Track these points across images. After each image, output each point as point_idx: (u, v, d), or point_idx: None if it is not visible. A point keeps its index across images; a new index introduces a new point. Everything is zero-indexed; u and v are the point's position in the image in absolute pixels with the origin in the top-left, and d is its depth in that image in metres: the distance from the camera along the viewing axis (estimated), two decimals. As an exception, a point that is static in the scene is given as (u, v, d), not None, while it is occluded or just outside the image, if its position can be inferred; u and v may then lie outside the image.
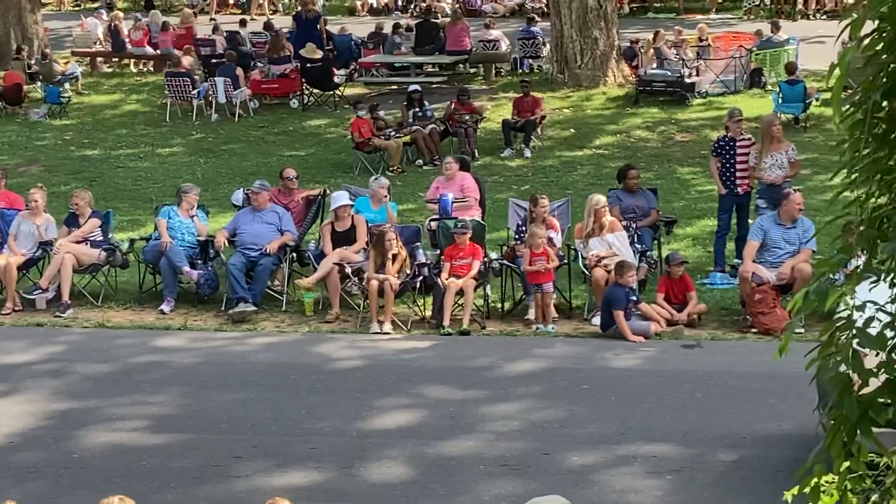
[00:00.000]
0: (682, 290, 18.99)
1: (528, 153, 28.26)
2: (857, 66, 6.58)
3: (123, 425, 15.74)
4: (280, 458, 14.67)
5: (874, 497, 7.45)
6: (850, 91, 6.76)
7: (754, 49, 34.33)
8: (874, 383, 6.92)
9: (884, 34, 6.21)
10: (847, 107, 6.59)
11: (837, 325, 6.69)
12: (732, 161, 21.35)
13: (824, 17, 41.93)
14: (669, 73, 32.76)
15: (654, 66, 33.44)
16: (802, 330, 15.18)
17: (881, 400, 6.89)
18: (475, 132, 28.47)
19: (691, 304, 18.84)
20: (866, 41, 6.33)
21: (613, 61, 33.91)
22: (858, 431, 6.91)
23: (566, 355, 18.00)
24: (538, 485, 13.22)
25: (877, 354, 7.00)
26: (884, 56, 6.25)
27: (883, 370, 6.86)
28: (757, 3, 44.04)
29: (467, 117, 28.45)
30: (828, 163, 24.54)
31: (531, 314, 19.24)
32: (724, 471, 14.20)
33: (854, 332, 6.64)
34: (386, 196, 20.93)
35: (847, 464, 7.04)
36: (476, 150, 27.42)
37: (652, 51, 34.20)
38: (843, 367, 6.92)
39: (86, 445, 15.22)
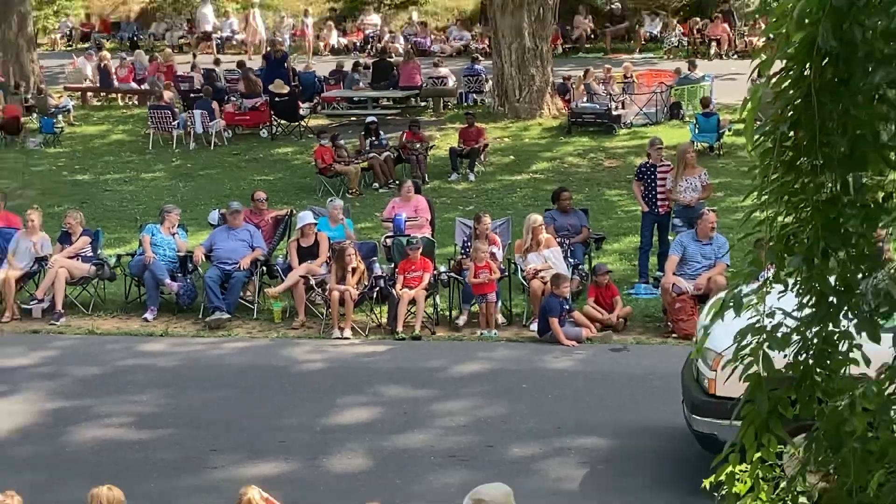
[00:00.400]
0: (609, 297, 19.08)
1: (472, 177, 28.04)
2: (767, 101, 6.89)
3: (111, 422, 15.78)
4: (252, 451, 14.70)
5: (783, 484, 7.71)
6: (760, 122, 7.08)
7: (673, 85, 34.30)
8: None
9: (790, 72, 6.48)
10: (758, 136, 6.89)
11: (750, 329, 7.00)
12: (654, 185, 21.46)
13: (735, 56, 41.68)
14: (598, 107, 32.28)
15: (585, 100, 33.19)
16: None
17: (788, 396, 7.23)
18: (425, 159, 28.05)
19: (618, 307, 18.94)
20: (775, 79, 6.66)
21: (548, 96, 33.51)
22: (769, 425, 7.24)
23: (508, 358, 18.06)
24: (483, 474, 13.10)
25: (784, 356, 7.31)
26: (790, 91, 6.53)
27: (791, 370, 7.17)
28: (676, 44, 44.03)
29: (418, 145, 28.04)
30: (739, 186, 24.22)
31: (461, 320, 19.36)
32: (649, 461, 14.28)
33: (764, 335, 6.94)
34: (341, 217, 20.93)
35: (759, 454, 7.35)
36: (426, 175, 27.17)
37: (582, 86, 34.01)
38: (754, 368, 7.24)
39: (77, 440, 15.30)
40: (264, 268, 20.22)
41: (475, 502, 6.47)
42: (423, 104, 35.59)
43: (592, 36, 46.33)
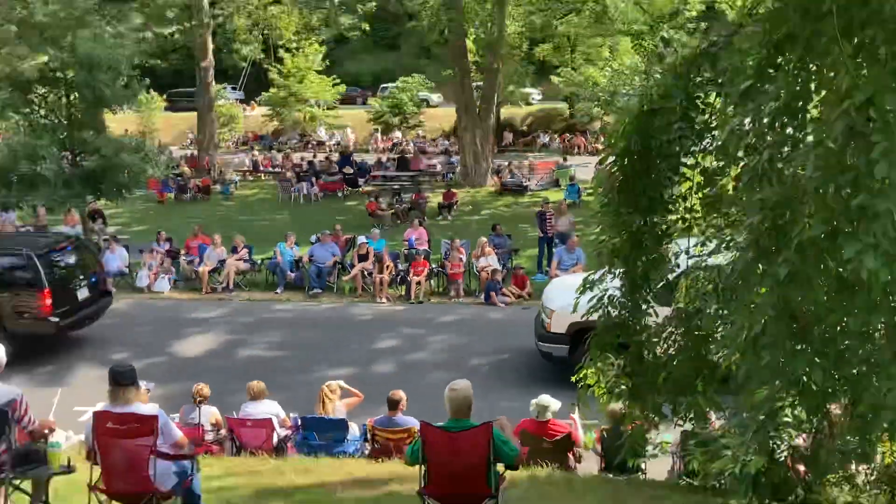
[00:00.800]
0: (522, 281, 18.84)
1: (450, 218, 27.89)
2: (607, 178, 6.98)
3: (259, 347, 15.84)
4: (332, 362, 14.59)
5: (614, 380, 7.78)
6: (602, 190, 7.15)
7: (555, 169, 34.43)
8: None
9: (616, 163, 6.58)
10: (602, 197, 6.99)
11: (598, 298, 7.08)
12: (545, 221, 21.54)
13: (587, 154, 41.84)
14: (516, 181, 32.73)
15: (509, 177, 33.47)
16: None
17: (616, 334, 7.28)
18: (425, 208, 28.25)
19: (527, 287, 18.71)
20: (609, 167, 6.74)
21: (490, 175, 33.91)
22: (606, 348, 7.31)
23: (468, 313, 17.90)
24: (455, 375, 11.93)
25: (616, 313, 7.32)
26: (617, 173, 6.62)
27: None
28: (557, 148, 43.87)
29: (421, 201, 28.46)
30: (589, 223, 24.53)
31: (452, 293, 19.06)
32: (535, 364, 14.15)
33: (606, 300, 7.02)
34: (378, 236, 20.97)
35: (600, 363, 7.44)
36: (425, 216, 27.30)
37: (508, 171, 34.30)
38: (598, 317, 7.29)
39: (242, 356, 15.27)
40: (339, 265, 20.01)
41: (450, 390, 6.42)
42: (423, 179, 35.59)
43: (513, 143, 46.37)
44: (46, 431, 6.94)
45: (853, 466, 7.23)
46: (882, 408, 4.52)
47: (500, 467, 6.47)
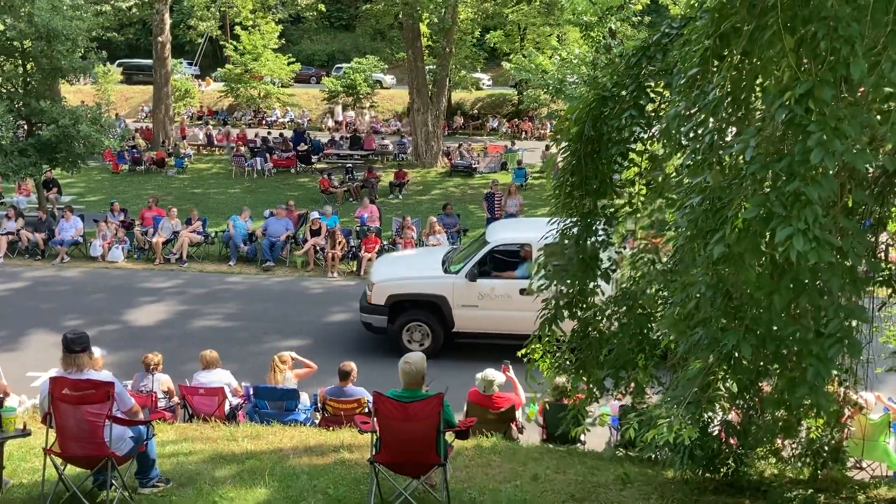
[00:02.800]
0: None
1: (400, 197, 27.85)
2: (557, 161, 7.01)
3: (211, 317, 15.70)
4: (284, 333, 14.54)
5: (558, 354, 7.86)
6: (554, 172, 7.17)
7: (503, 152, 34.53)
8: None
9: (569, 147, 6.61)
10: (554, 181, 7.03)
11: (550, 277, 7.11)
12: (493, 203, 21.69)
13: (534, 139, 42.13)
14: (466, 163, 32.74)
15: (459, 158, 33.57)
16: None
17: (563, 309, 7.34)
18: (376, 186, 28.25)
19: None
20: (562, 150, 6.78)
21: (440, 156, 33.95)
22: (554, 323, 7.35)
23: None
24: None
25: (561, 290, 7.38)
26: (568, 157, 6.65)
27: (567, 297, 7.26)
28: (505, 132, 44.13)
29: (373, 180, 28.36)
30: (536, 204, 24.67)
31: None
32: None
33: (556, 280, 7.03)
34: (331, 213, 20.81)
35: (548, 338, 7.50)
36: (376, 195, 27.37)
37: (458, 152, 34.34)
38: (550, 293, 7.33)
39: (194, 327, 15.16)
40: (292, 240, 19.89)
41: (405, 362, 6.44)
42: (375, 158, 35.49)
43: (463, 126, 46.37)
44: (1, 395, 6.81)
45: (780, 441, 7.46)
46: (800, 385, 4.63)
47: (448, 436, 6.53)
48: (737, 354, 4.94)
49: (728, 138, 5.03)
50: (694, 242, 5.00)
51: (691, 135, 5.27)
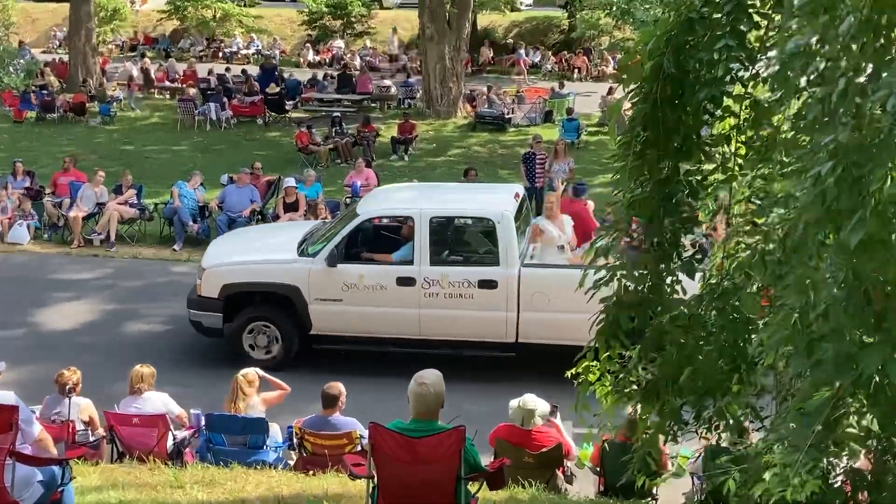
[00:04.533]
0: None
1: (406, 158, 27.99)
2: (624, 109, 6.98)
3: (149, 320, 15.80)
4: None
5: (621, 375, 7.85)
6: (619, 125, 7.14)
7: (548, 98, 34.57)
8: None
9: (642, 90, 6.58)
10: (619, 137, 7.00)
11: (609, 267, 7.11)
12: (533, 167, 21.76)
13: (590, 80, 42.07)
14: (495, 112, 32.76)
15: (486, 106, 33.50)
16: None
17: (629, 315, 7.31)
18: (374, 144, 28.33)
19: None
20: (630, 94, 6.74)
21: (461, 103, 33.82)
22: (616, 334, 7.33)
23: None
24: None
25: (629, 287, 7.40)
26: (642, 104, 6.63)
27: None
28: (550, 70, 44.09)
29: (369, 135, 28.44)
30: (591, 170, 24.64)
31: None
32: None
33: (625, 271, 7.04)
34: (312, 179, 20.99)
35: (607, 353, 7.47)
36: (374, 155, 27.39)
37: (485, 97, 34.37)
38: (605, 292, 7.33)
39: (124, 332, 15.30)
40: (259, 215, 19.97)
41: (418, 383, 6.44)
42: (372, 105, 35.56)
43: (493, 62, 46.33)
44: None
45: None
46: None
47: (472, 485, 6.54)
48: (878, 379, 4.91)
49: (863, 79, 4.98)
50: (819, 225, 4.96)
51: (813, 76, 5.22)
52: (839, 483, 7.18)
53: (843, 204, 4.67)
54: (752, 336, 6.92)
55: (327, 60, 45.66)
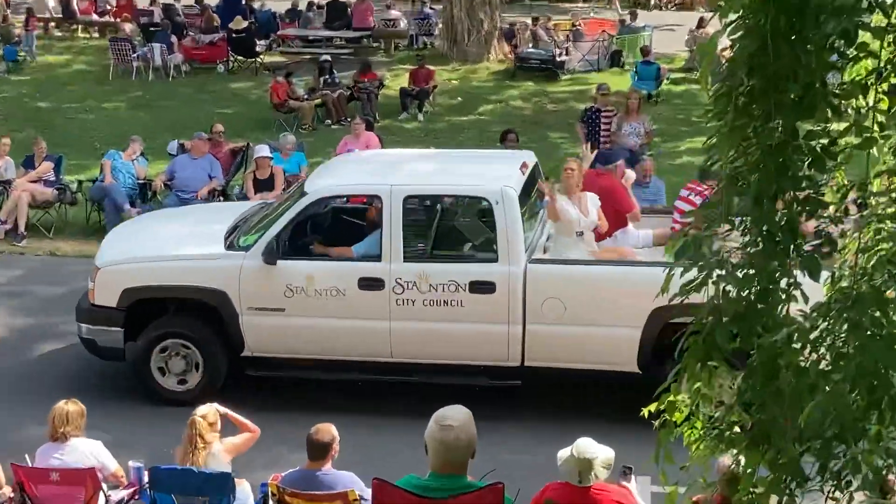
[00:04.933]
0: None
1: (421, 117, 28.27)
2: (721, 49, 6.93)
3: (72, 338, 15.35)
4: None
5: (717, 413, 7.80)
6: (714, 70, 7.09)
7: (615, 34, 34.68)
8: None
9: (746, 21, 6.54)
10: (715, 85, 6.94)
11: (705, 266, 7.06)
12: (597, 127, 21.81)
13: (674, 8, 42.17)
14: (543, 53, 32.81)
15: (531, 45, 33.60)
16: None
17: (730, 330, 7.28)
18: (376, 98, 28.44)
19: None
20: (730, 28, 6.69)
21: (496, 40, 33.94)
22: (712, 356, 7.29)
23: None
24: None
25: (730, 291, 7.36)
26: (746, 40, 6.58)
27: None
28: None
29: (370, 86, 28.52)
30: (677, 132, 24.79)
31: None
32: None
33: (725, 272, 7.00)
34: (292, 146, 21.05)
35: (698, 384, 7.42)
36: (377, 113, 27.46)
37: (529, 32, 34.43)
38: (698, 298, 7.28)
39: (39, 356, 15.38)
40: (221, 197, 20.03)
41: (441, 426, 6.46)
42: (374, 45, 35.65)
43: (539, -16, 46.50)
44: None
45: None
46: None
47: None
48: None
49: None
50: None
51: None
52: None
53: None
54: (901, 359, 6.88)
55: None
